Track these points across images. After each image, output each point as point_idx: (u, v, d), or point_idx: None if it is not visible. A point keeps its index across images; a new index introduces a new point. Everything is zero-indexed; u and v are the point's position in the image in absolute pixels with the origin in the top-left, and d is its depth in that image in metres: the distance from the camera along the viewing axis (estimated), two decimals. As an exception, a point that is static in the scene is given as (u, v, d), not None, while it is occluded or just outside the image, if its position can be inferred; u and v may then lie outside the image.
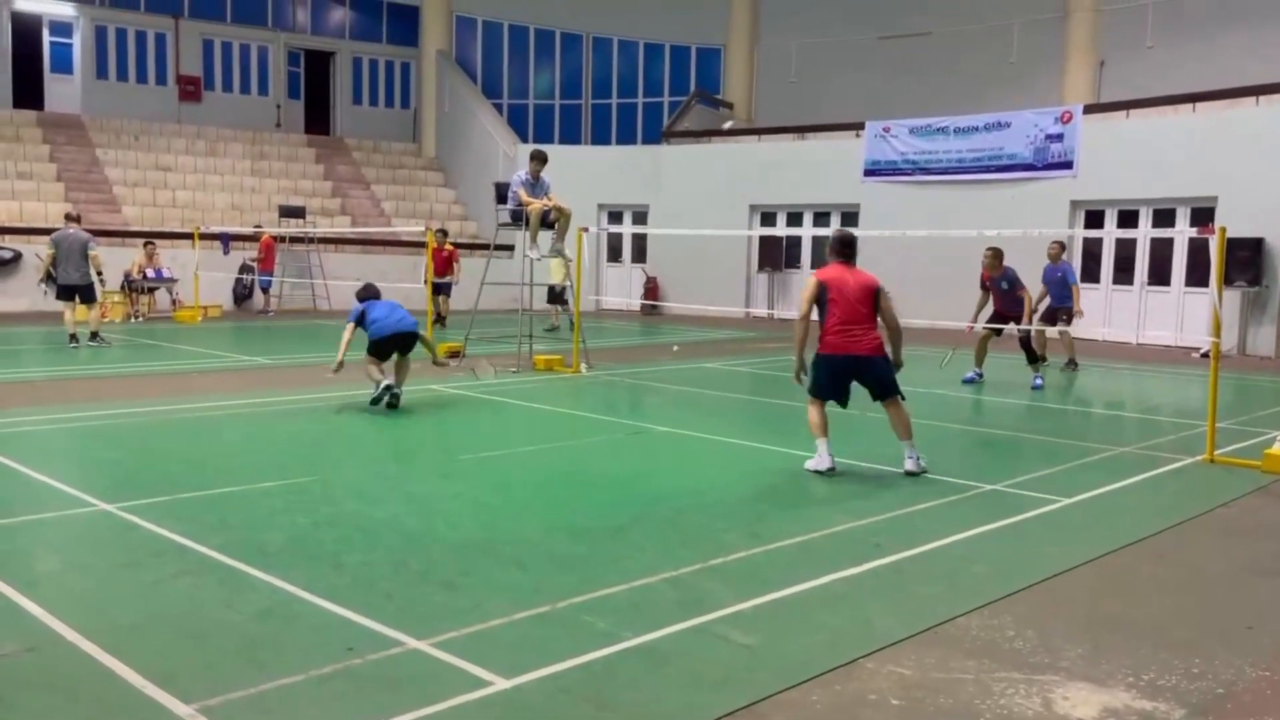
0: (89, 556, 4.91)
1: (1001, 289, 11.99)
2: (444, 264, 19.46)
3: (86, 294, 13.93)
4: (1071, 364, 13.85)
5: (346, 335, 9.48)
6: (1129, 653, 3.92)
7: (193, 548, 4.92)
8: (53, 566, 4.76)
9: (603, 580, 4.58)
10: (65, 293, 13.90)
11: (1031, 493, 6.51)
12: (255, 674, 3.51)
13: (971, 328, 12.28)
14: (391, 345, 9.56)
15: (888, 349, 7.03)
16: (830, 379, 7.02)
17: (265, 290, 21.63)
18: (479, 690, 3.43)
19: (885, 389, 7.03)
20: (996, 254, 12.00)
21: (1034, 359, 12.04)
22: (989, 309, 12.45)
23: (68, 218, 14.44)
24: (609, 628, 4.01)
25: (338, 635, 3.89)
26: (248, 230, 21.87)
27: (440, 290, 19.81)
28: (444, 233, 20.81)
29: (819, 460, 6.94)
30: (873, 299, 6.93)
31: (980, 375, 12.17)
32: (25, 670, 3.55)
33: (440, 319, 19.01)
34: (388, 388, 9.18)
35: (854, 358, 6.90)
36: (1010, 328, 12.14)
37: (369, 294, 10.00)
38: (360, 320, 9.60)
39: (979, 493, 6.54)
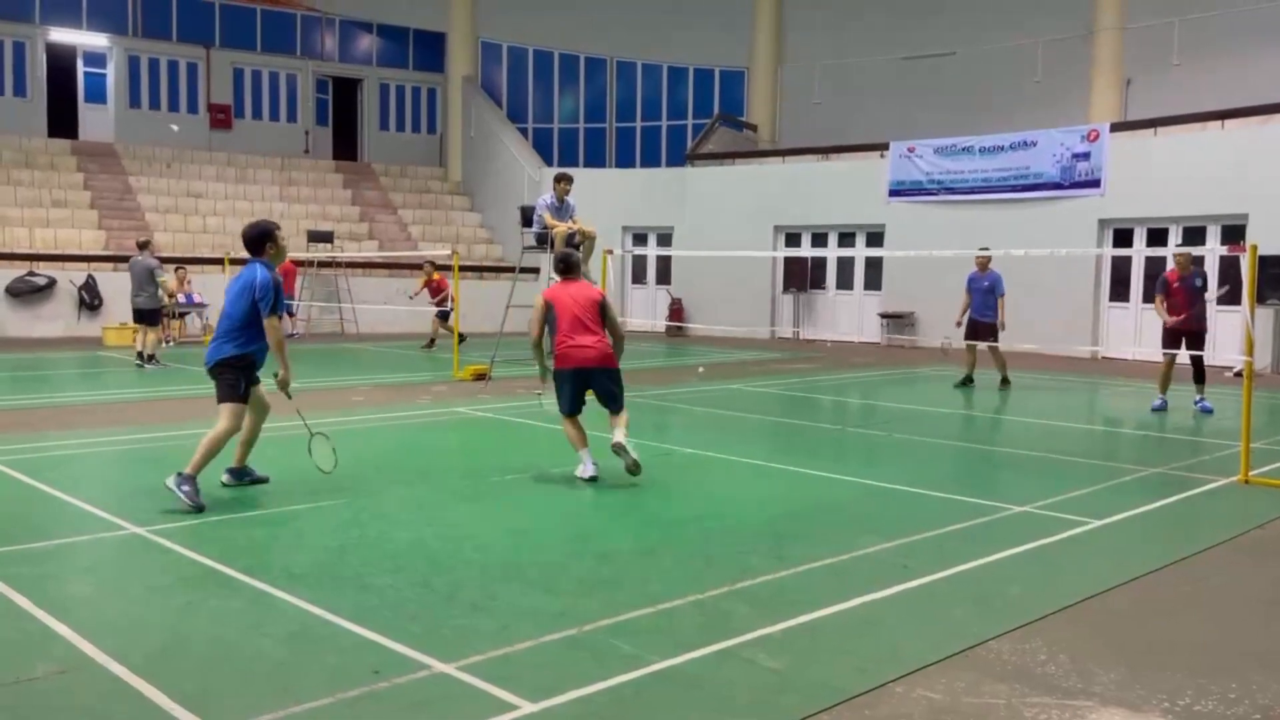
0: (121, 580, 4.95)
1: (1195, 286, 11.44)
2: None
3: (147, 318, 14.48)
4: (1005, 382, 13.56)
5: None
6: (1164, 677, 3.85)
7: (222, 571, 4.95)
8: (85, 590, 4.80)
9: (629, 603, 4.57)
10: (134, 315, 14.64)
11: (1063, 514, 6.42)
12: (282, 697, 3.52)
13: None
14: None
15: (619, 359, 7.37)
16: (570, 391, 7.28)
17: (290, 315, 21.77)
18: (505, 714, 3.42)
19: (613, 399, 7.33)
20: (1189, 256, 11.58)
21: (1202, 378, 11.65)
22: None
23: (138, 244, 14.90)
24: (635, 651, 3.99)
25: (364, 658, 3.90)
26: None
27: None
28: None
29: (584, 468, 7.27)
30: (598, 310, 7.27)
31: (1166, 403, 11.67)
32: (57, 693, 3.58)
33: (432, 342, 18.89)
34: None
35: (584, 370, 7.21)
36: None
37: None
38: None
39: (1009, 514, 6.47)
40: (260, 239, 6.53)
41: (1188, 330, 11.58)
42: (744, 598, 4.71)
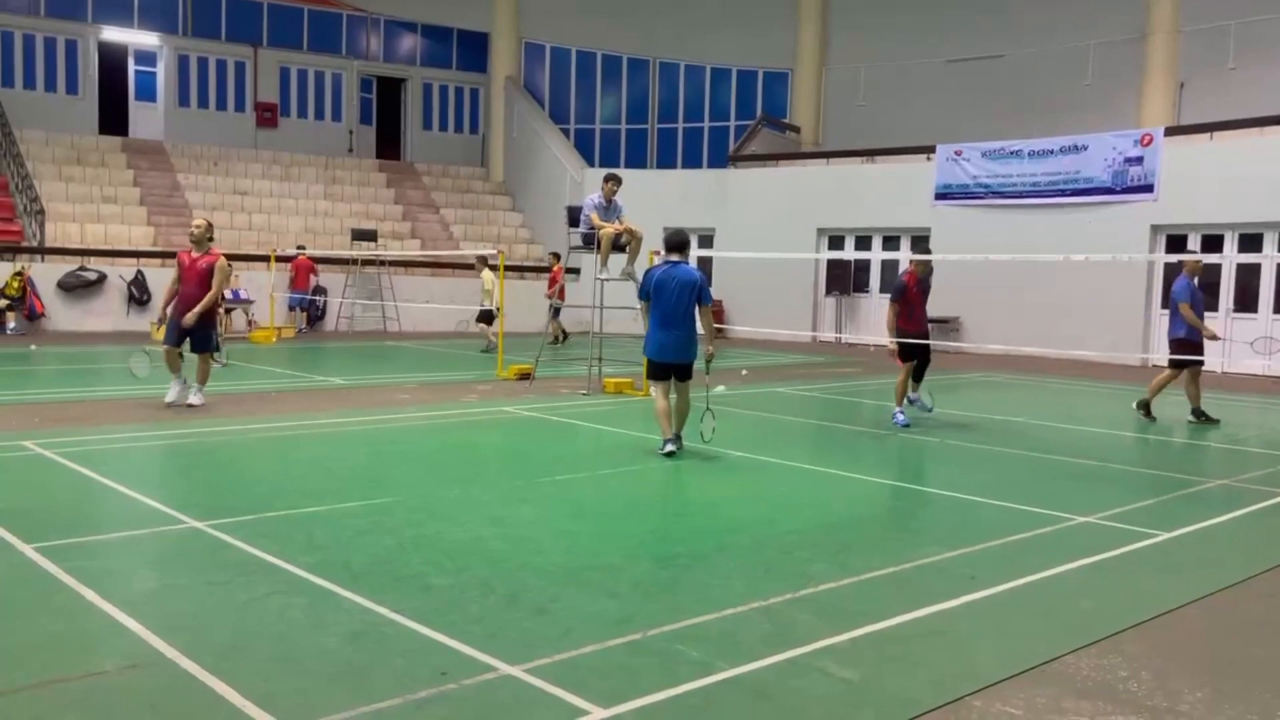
0: (183, 574, 4.96)
1: (929, 290, 10.97)
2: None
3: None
4: (1201, 415, 11.28)
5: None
6: (1253, 696, 3.73)
7: (282, 567, 4.95)
8: (149, 584, 4.82)
9: (692, 609, 4.50)
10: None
11: (1129, 526, 6.28)
12: (352, 697, 3.49)
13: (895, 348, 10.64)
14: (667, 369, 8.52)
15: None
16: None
17: (292, 309, 21.81)
18: (578, 719, 3.37)
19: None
20: (926, 261, 10.81)
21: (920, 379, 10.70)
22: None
23: None
24: (703, 658, 3.93)
25: (430, 659, 3.86)
26: (321, 253, 22.29)
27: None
28: (556, 255, 19.41)
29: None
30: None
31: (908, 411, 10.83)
32: (129, 689, 3.57)
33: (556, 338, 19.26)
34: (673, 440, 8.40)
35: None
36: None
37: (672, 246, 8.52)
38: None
39: (1073, 525, 6.33)
40: (686, 245, 8.43)
41: (924, 337, 10.78)
42: (808, 605, 4.62)
